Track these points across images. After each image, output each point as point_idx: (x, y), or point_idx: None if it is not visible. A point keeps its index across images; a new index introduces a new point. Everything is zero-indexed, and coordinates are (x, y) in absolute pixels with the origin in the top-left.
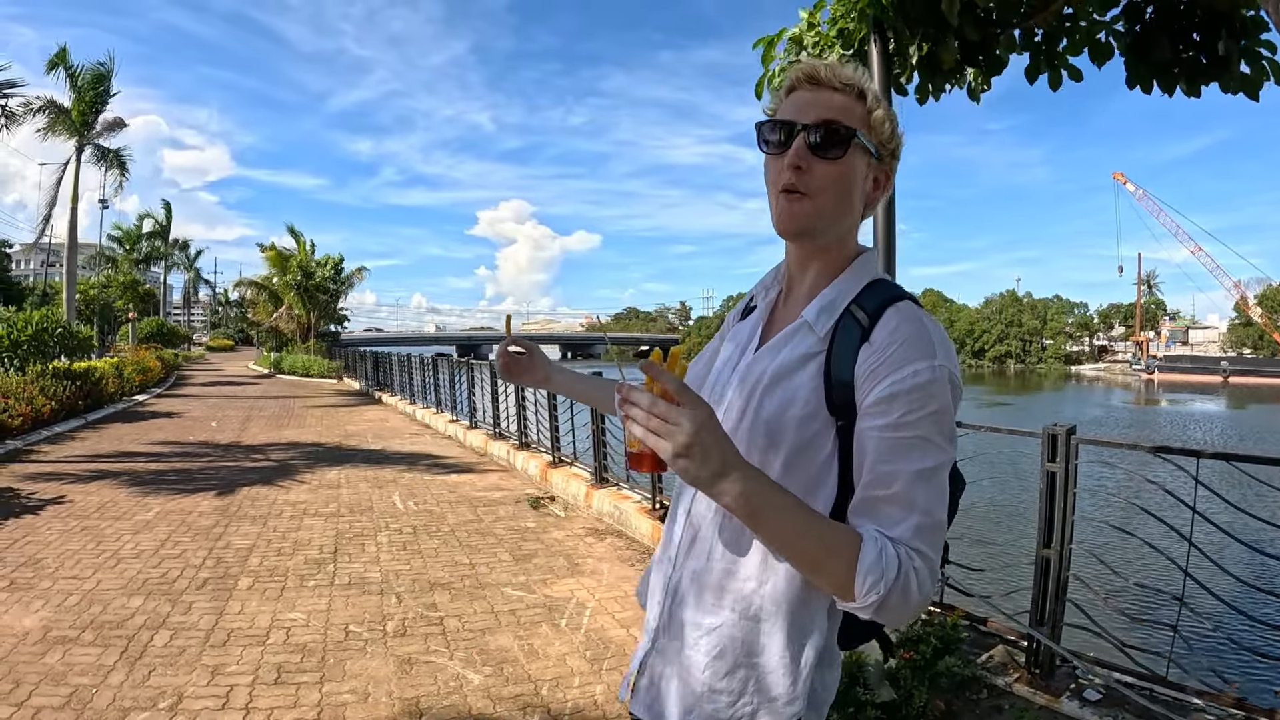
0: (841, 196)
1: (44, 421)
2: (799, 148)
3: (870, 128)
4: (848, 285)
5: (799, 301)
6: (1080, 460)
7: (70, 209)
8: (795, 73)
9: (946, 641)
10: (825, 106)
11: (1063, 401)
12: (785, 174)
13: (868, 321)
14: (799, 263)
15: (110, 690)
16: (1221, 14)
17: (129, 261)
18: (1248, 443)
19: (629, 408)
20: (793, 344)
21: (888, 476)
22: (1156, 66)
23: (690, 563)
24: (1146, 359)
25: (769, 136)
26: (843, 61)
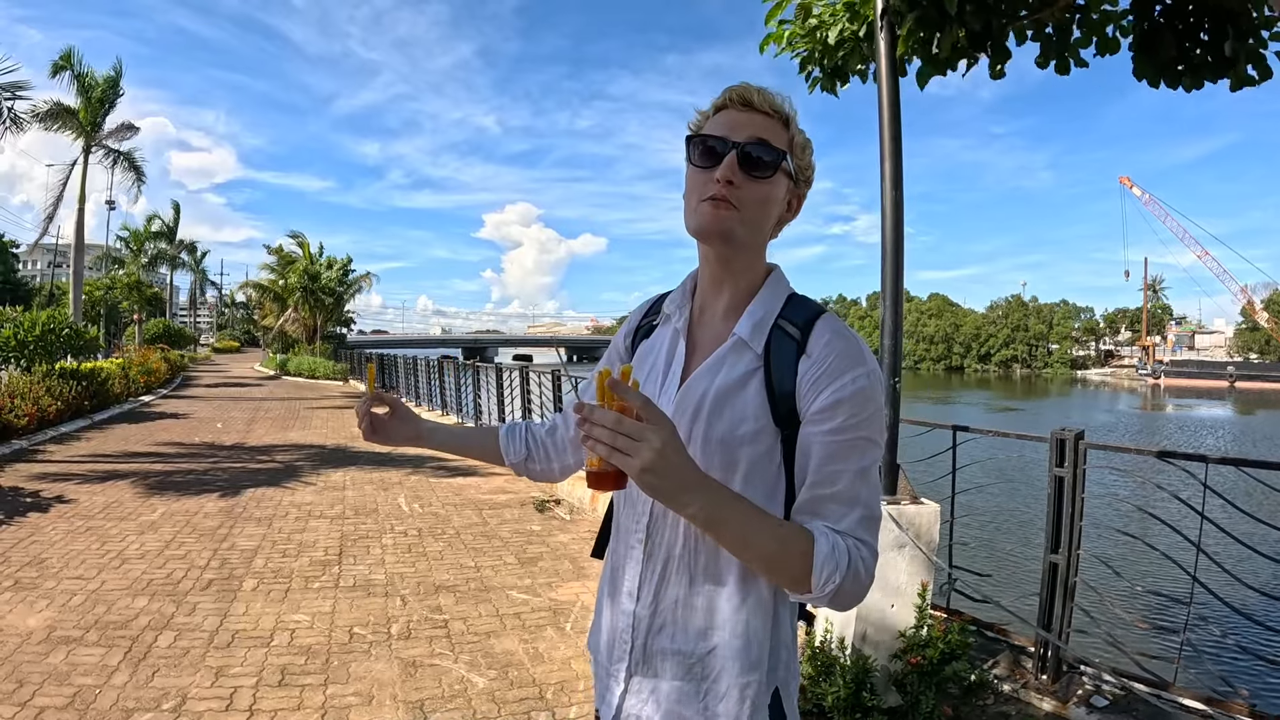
0: (764, 214)
1: (50, 422)
2: (731, 163)
3: (793, 153)
4: (771, 301)
5: (719, 319)
6: (1088, 465)
7: (78, 210)
8: (728, 94)
9: (954, 647)
10: (757, 127)
11: (1072, 407)
12: (713, 186)
13: (799, 335)
14: (713, 282)
15: (114, 691)
16: (1230, 12)
17: (134, 263)
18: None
19: (590, 427)
20: (730, 363)
21: (833, 476)
22: (1163, 63)
23: (667, 592)
24: (1153, 364)
25: (700, 151)
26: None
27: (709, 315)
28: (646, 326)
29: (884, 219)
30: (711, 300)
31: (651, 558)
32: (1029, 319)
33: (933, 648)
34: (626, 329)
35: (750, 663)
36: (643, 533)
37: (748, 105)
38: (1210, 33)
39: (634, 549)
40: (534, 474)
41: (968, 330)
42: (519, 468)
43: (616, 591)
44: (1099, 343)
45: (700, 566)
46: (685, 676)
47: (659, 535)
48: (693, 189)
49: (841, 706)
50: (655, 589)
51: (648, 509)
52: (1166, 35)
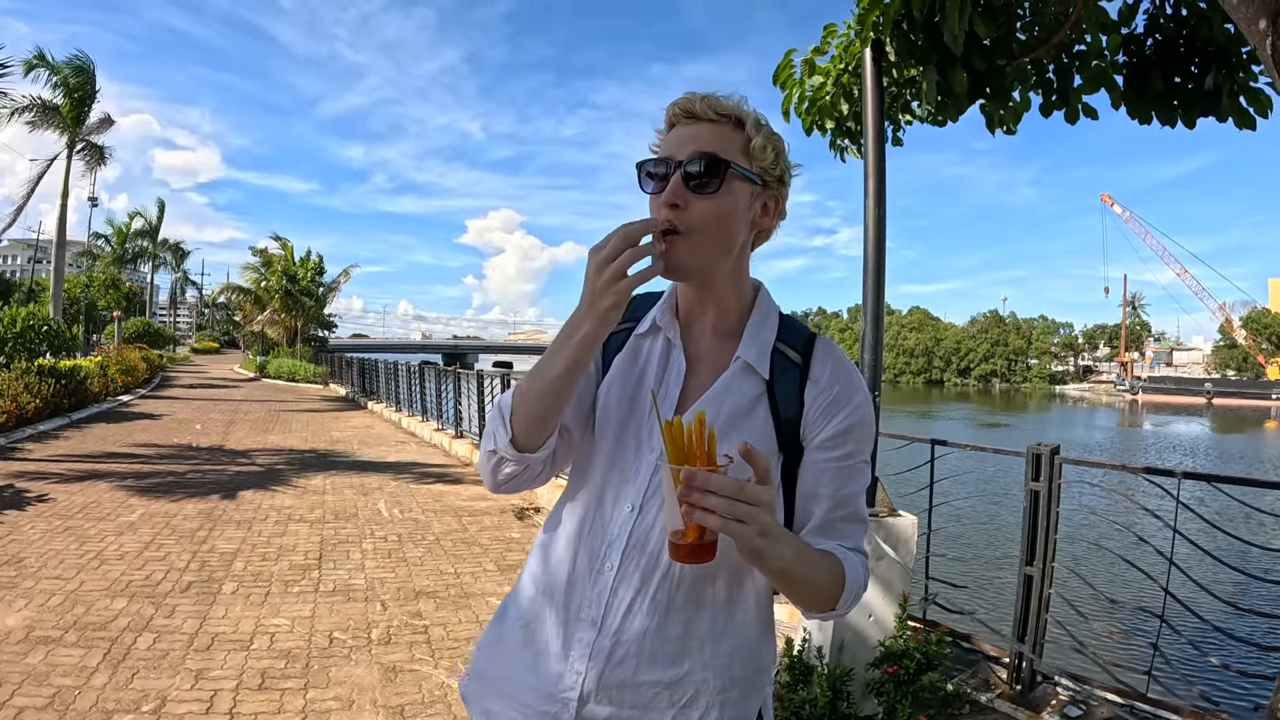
0: (722, 231)
1: (29, 419)
2: (675, 185)
3: (750, 156)
4: (767, 323)
5: (709, 335)
6: (1063, 480)
7: (60, 206)
8: (673, 108)
9: (930, 657)
10: (700, 140)
11: (1056, 424)
12: (662, 211)
13: (800, 360)
14: (697, 301)
15: (93, 692)
16: (1219, 48)
17: (108, 260)
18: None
19: (703, 496)
20: (737, 387)
21: (847, 499)
22: (1153, 98)
23: (634, 623)
24: (1131, 380)
25: (651, 174)
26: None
27: (697, 331)
28: (619, 334)
29: (866, 236)
30: (698, 315)
31: (622, 587)
32: (1009, 334)
33: (909, 658)
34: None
35: (731, 679)
36: (614, 561)
37: (692, 116)
38: (1200, 67)
39: (602, 575)
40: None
41: (948, 344)
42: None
43: (572, 619)
44: (1078, 358)
45: (680, 598)
46: (649, 705)
47: (632, 564)
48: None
49: (818, 715)
50: (622, 619)
51: (623, 535)
52: (1155, 70)
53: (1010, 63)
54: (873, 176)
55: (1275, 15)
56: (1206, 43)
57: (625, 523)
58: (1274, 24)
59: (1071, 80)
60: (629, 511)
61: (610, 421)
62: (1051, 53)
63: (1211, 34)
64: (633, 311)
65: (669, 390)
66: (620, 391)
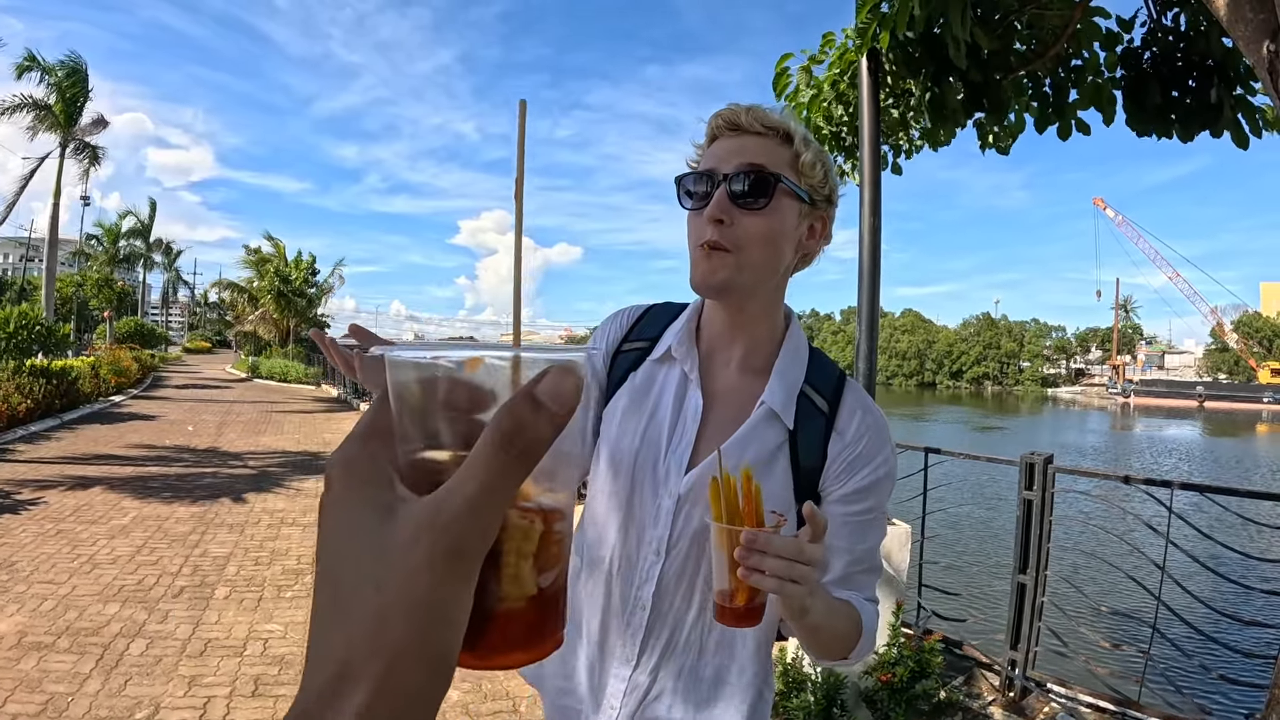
0: (769, 249)
1: (20, 420)
2: (720, 199)
3: (799, 172)
4: (796, 363)
5: (733, 369)
6: (1056, 488)
7: (52, 204)
8: (716, 120)
9: (923, 665)
10: (749, 153)
11: (1048, 427)
12: (707, 229)
13: (827, 408)
14: (725, 329)
15: (86, 699)
16: (1216, 62)
17: (101, 260)
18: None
19: (761, 558)
20: (759, 435)
21: (866, 554)
22: (1150, 111)
23: (671, 662)
24: (1123, 383)
25: (692, 190)
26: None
27: (718, 363)
28: (632, 354)
29: (860, 239)
30: (722, 347)
31: (657, 626)
32: (1001, 337)
33: (903, 666)
34: (598, 348)
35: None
36: (647, 601)
37: (736, 129)
38: (1197, 81)
39: (636, 614)
40: None
41: (941, 347)
42: None
43: (607, 655)
44: (1070, 361)
45: (714, 639)
46: None
47: (666, 604)
48: (690, 235)
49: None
50: (659, 657)
51: (653, 576)
52: (1152, 83)
53: (1007, 76)
54: (868, 185)
55: (1275, 35)
56: (1204, 56)
57: (652, 565)
58: (1274, 44)
59: (1067, 95)
60: (655, 554)
61: (624, 457)
62: (1049, 66)
63: (1209, 48)
64: (646, 327)
65: (684, 430)
66: (633, 423)
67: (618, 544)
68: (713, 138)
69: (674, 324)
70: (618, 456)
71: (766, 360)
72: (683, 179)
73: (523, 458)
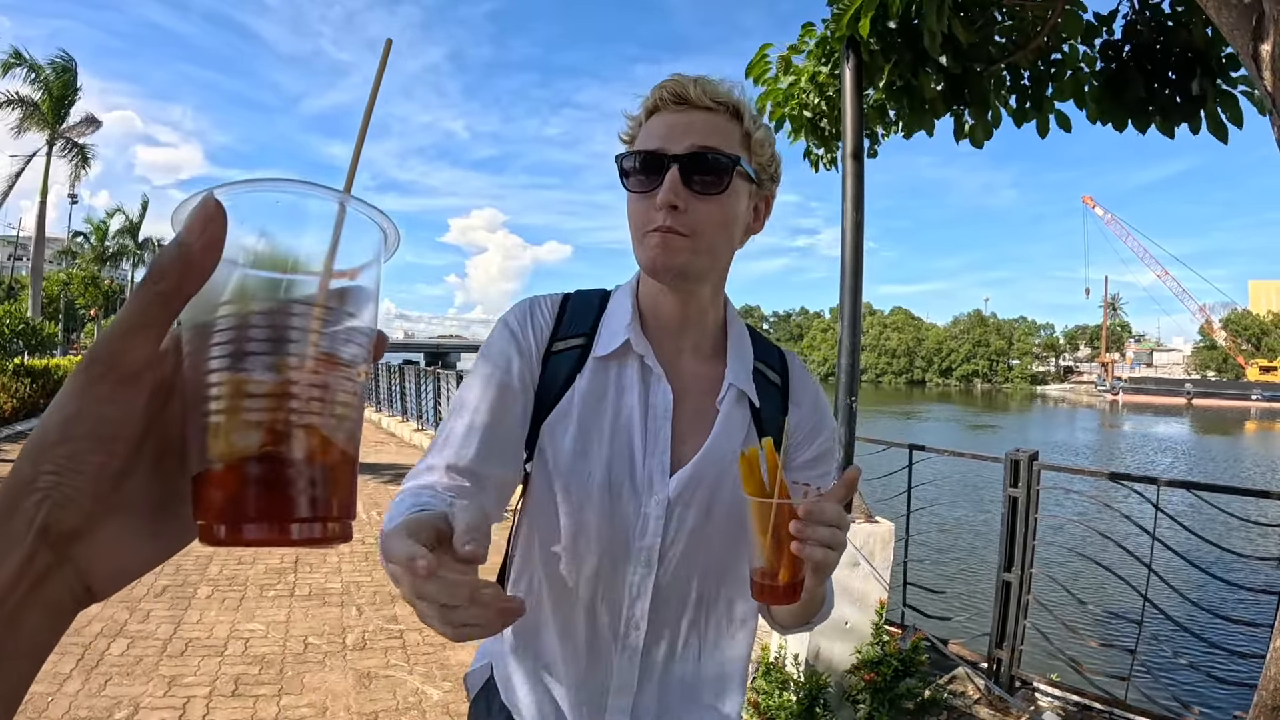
0: (724, 236)
1: (5, 420)
2: (674, 183)
3: (750, 151)
4: (743, 342)
5: (688, 356)
6: (1042, 486)
7: (39, 202)
8: (659, 91)
9: (907, 663)
10: (699, 131)
11: (1037, 425)
12: (658, 215)
13: (780, 381)
14: (678, 315)
15: (66, 699)
16: (1197, 52)
17: (87, 259)
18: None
19: (816, 528)
20: (731, 416)
21: None
22: (1130, 104)
23: (675, 673)
24: (1111, 380)
25: (637, 170)
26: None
27: (669, 352)
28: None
29: (844, 239)
30: (671, 335)
31: (656, 641)
32: (990, 335)
33: (886, 664)
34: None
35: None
36: (642, 618)
37: (684, 102)
38: (1178, 72)
39: (631, 636)
40: None
41: (930, 345)
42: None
43: (601, 691)
44: (1059, 359)
45: (711, 636)
46: None
47: (662, 616)
48: (634, 217)
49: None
50: (661, 672)
51: (645, 591)
52: (1134, 75)
53: (986, 68)
54: (850, 179)
55: (1259, 19)
56: (1185, 48)
57: (644, 579)
58: (1257, 29)
59: (1046, 87)
60: (645, 566)
61: (591, 470)
62: (1029, 59)
63: (1190, 39)
64: (573, 322)
65: (658, 429)
66: (594, 432)
67: (594, 568)
68: (653, 110)
69: (610, 315)
70: (581, 472)
71: (715, 345)
72: (624, 158)
73: (153, 282)
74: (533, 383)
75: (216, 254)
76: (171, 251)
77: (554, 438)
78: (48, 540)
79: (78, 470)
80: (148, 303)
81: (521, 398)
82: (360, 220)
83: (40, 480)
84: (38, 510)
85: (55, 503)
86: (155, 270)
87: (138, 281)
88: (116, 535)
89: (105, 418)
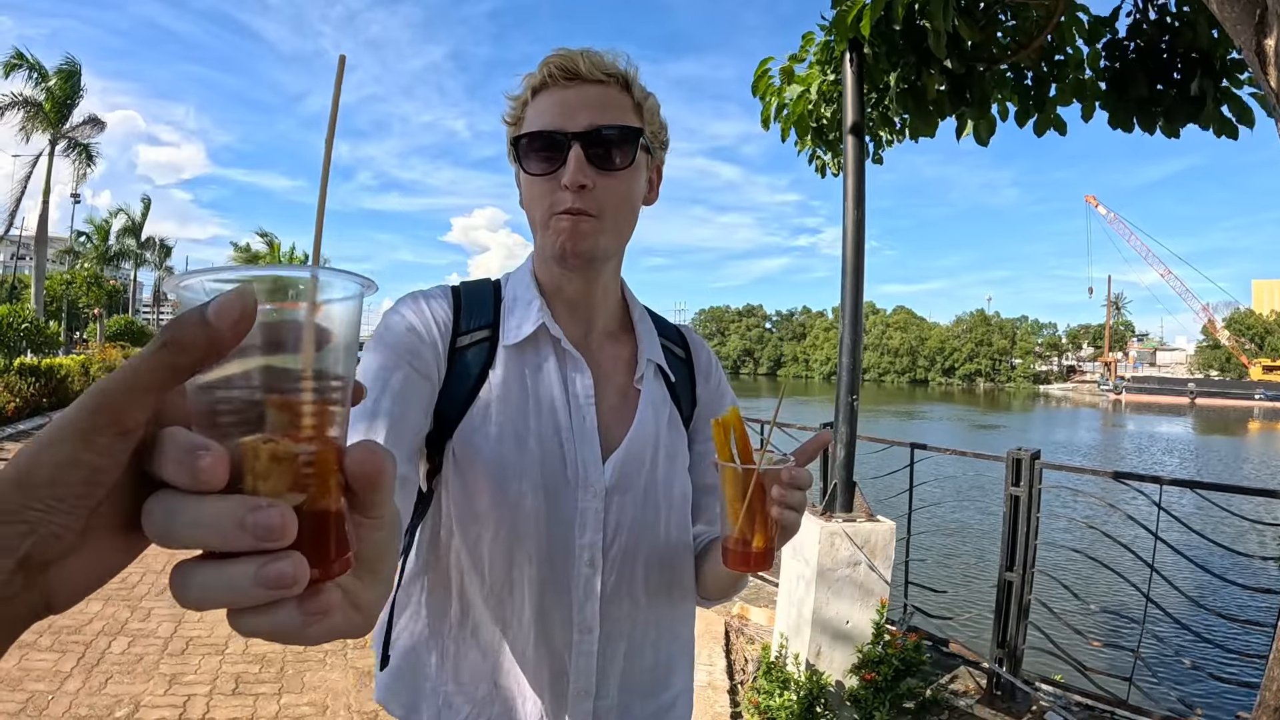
0: (630, 211)
1: (8, 419)
2: (578, 164)
3: (644, 120)
4: (646, 319)
5: (600, 337)
6: (1043, 485)
7: (41, 202)
8: (545, 68)
9: (908, 663)
10: (595, 106)
11: (1039, 424)
12: (565, 196)
13: (683, 353)
14: (584, 297)
15: (67, 697)
16: (1202, 53)
17: (90, 258)
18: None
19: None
20: (653, 393)
21: None
22: (1136, 104)
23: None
24: (1114, 380)
25: (530, 152)
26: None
27: (579, 333)
28: (476, 347)
29: (844, 233)
30: (580, 314)
31: (611, 641)
32: (993, 334)
33: (887, 664)
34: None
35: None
36: (593, 620)
37: (574, 77)
38: (1182, 72)
39: (584, 640)
40: None
41: (932, 344)
42: None
43: (559, 698)
44: (1061, 358)
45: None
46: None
47: (614, 614)
48: (535, 201)
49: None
50: (620, 674)
51: (593, 591)
52: (1138, 75)
53: (989, 67)
54: (851, 177)
55: (1262, 15)
56: (1190, 47)
57: (589, 580)
58: (1261, 24)
59: (1049, 88)
60: (589, 566)
61: (522, 468)
62: (1032, 58)
63: (1195, 38)
64: (473, 313)
65: (583, 416)
66: (514, 427)
67: (534, 573)
68: (539, 87)
69: (513, 302)
70: (504, 472)
71: (622, 323)
72: (520, 140)
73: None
74: (439, 377)
75: (238, 344)
76: (199, 331)
77: (473, 440)
78: (25, 569)
79: (68, 511)
80: (163, 370)
81: (429, 391)
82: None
83: (28, 514)
84: (21, 541)
85: (40, 538)
86: (176, 342)
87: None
88: (86, 559)
89: (99, 467)
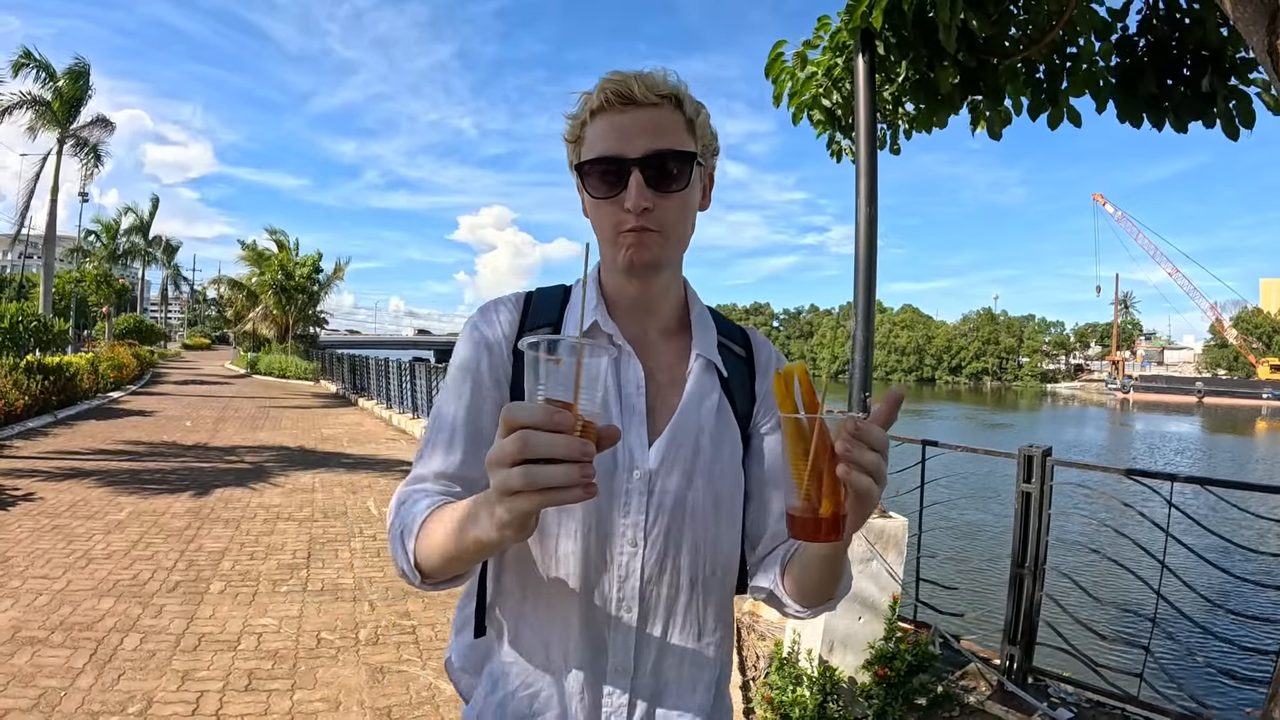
0: (687, 222)
1: (17, 417)
2: (638, 190)
3: (695, 135)
4: (705, 318)
5: (656, 337)
6: (1055, 481)
7: (50, 201)
8: (602, 94)
9: (920, 659)
10: (652, 131)
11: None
12: (629, 217)
13: (744, 353)
14: (644, 301)
15: (79, 693)
16: (1212, 50)
17: (99, 257)
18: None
19: (864, 452)
20: (705, 387)
21: None
22: (1146, 100)
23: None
24: (1122, 378)
25: (595, 181)
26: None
27: (638, 331)
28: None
29: (856, 231)
30: (640, 314)
31: (650, 618)
32: (1000, 332)
33: (900, 660)
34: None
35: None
36: (632, 600)
37: (630, 102)
38: (1191, 69)
39: (623, 619)
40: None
41: (939, 342)
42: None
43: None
44: (1069, 357)
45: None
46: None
47: (652, 596)
48: (601, 220)
49: (807, 717)
50: (658, 650)
51: (634, 571)
52: (1148, 71)
53: (1001, 61)
54: (864, 174)
55: (1275, 14)
56: (1200, 45)
57: (631, 559)
58: (1274, 24)
59: (1061, 81)
60: (631, 545)
61: None
62: (1043, 52)
63: (1205, 36)
64: (540, 314)
65: (633, 404)
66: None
67: (579, 548)
68: (597, 110)
69: (575, 303)
70: None
71: (680, 323)
72: (582, 167)
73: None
74: (506, 378)
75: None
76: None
77: None
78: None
79: None
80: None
81: (495, 393)
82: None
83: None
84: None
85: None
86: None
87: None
88: None
89: None
